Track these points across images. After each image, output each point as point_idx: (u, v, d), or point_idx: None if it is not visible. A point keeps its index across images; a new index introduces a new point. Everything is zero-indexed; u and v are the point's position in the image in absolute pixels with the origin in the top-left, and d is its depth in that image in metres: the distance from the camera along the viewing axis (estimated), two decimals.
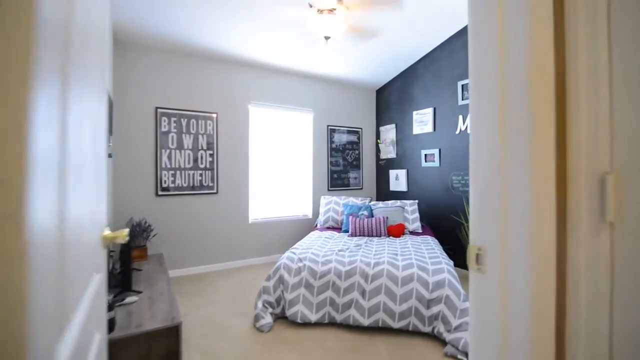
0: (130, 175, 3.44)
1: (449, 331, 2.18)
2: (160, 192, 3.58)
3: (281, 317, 2.61)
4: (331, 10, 2.70)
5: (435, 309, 2.28)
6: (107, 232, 1.05)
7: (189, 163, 3.75)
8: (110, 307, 1.82)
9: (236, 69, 4.09)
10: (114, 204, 3.32)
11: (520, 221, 0.72)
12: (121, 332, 1.83)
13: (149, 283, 2.64)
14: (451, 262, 2.59)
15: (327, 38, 2.71)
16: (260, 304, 2.55)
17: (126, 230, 1.07)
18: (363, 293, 2.43)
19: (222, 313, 2.73)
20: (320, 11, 2.72)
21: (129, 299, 2.25)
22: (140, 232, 3.30)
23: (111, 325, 1.82)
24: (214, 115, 3.91)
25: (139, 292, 2.41)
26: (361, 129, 5.26)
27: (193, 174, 3.77)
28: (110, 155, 2.76)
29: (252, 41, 3.61)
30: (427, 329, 2.29)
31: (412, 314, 2.31)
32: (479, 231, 0.82)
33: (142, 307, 2.18)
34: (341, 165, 5.06)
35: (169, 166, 3.63)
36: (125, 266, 2.39)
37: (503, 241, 0.74)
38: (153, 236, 3.47)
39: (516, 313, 0.71)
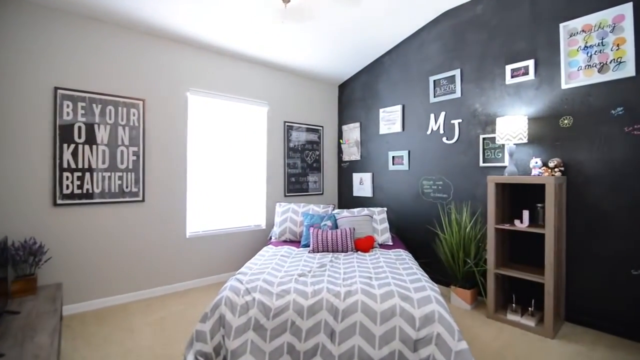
0: (13, 178, 2.51)
1: None
2: (60, 201, 2.68)
3: None
4: None
5: (423, 353, 1.77)
6: None
7: (103, 163, 2.89)
8: None
9: (172, 46, 3.30)
10: None
11: None
12: None
13: (23, 335, 1.81)
14: (436, 287, 2.13)
15: (286, 2, 2.11)
16: (191, 357, 1.86)
17: None
18: (332, 335, 1.85)
19: None
20: None
21: None
22: (24, 256, 2.39)
23: None
24: (140, 102, 3.09)
25: None
26: (322, 127, 4.72)
27: (109, 177, 2.92)
28: None
29: (192, 12, 2.88)
30: None
31: (396, 359, 1.78)
32: None
33: None
34: (299, 167, 4.47)
35: (73, 166, 2.75)
36: None
37: None
38: (46, 261, 2.56)
39: None
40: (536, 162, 2.61)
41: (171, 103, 3.29)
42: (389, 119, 4.04)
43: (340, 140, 4.84)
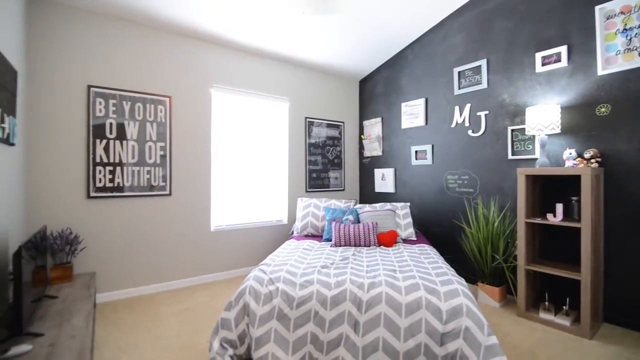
0: (52, 172, 2.65)
1: None
2: (93, 194, 2.81)
3: None
4: None
5: (451, 347, 1.72)
6: None
7: (133, 157, 3.00)
8: None
9: (196, 45, 3.39)
10: (27, 208, 2.52)
11: None
12: None
13: (60, 318, 1.90)
14: (463, 280, 2.06)
15: None
16: (216, 344, 1.89)
17: None
18: (355, 326, 1.83)
19: (166, 357, 2.02)
20: None
21: (15, 350, 1.52)
22: (61, 245, 2.52)
23: None
24: (167, 99, 3.19)
25: (37, 336, 1.68)
26: (343, 123, 4.70)
27: (138, 171, 3.03)
28: (10, 142, 2.00)
29: (215, 11, 2.94)
30: None
31: (421, 353, 1.74)
32: None
33: None
34: (320, 163, 4.47)
35: (105, 161, 2.87)
36: (17, 297, 1.64)
37: None
38: (81, 250, 2.69)
39: None
40: (570, 153, 2.47)
41: (196, 99, 3.38)
42: (412, 113, 3.97)
43: (362, 136, 4.80)
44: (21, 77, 2.35)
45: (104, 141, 2.87)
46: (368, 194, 4.71)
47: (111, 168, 2.90)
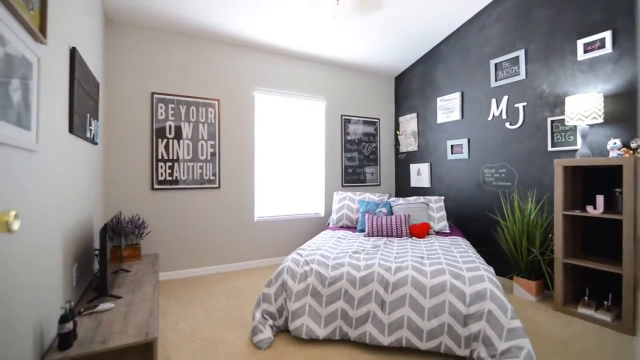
0: (123, 167, 3.13)
1: (493, 357, 1.71)
2: (156, 186, 3.25)
3: (283, 331, 2.20)
4: None
5: (474, 327, 1.80)
6: None
7: (188, 154, 3.41)
8: (65, 318, 1.46)
9: (240, 51, 3.74)
10: (104, 197, 3.01)
11: None
12: (80, 349, 1.49)
13: (133, 287, 2.30)
14: (491, 269, 2.11)
15: None
16: (258, 315, 2.15)
17: (12, 213, 0.69)
18: (382, 305, 1.98)
19: (216, 324, 2.34)
20: None
21: (102, 306, 1.90)
22: (132, 229, 2.97)
23: (66, 340, 1.46)
24: (216, 102, 3.56)
25: (117, 298, 2.06)
26: (378, 119, 4.80)
27: (192, 167, 3.43)
28: (94, 142, 2.44)
29: (256, 20, 3.24)
30: (463, 352, 1.82)
31: (444, 332, 1.85)
32: None
33: (116, 316, 1.83)
34: (356, 159, 4.62)
35: (165, 157, 3.30)
36: (101, 267, 2.03)
37: None
38: (147, 234, 3.14)
39: None
40: (614, 143, 2.38)
41: (241, 101, 3.73)
42: (447, 107, 3.97)
43: (397, 132, 4.86)
44: (100, 87, 2.82)
45: (164, 140, 3.30)
46: (404, 189, 4.76)
47: (170, 164, 3.32)
